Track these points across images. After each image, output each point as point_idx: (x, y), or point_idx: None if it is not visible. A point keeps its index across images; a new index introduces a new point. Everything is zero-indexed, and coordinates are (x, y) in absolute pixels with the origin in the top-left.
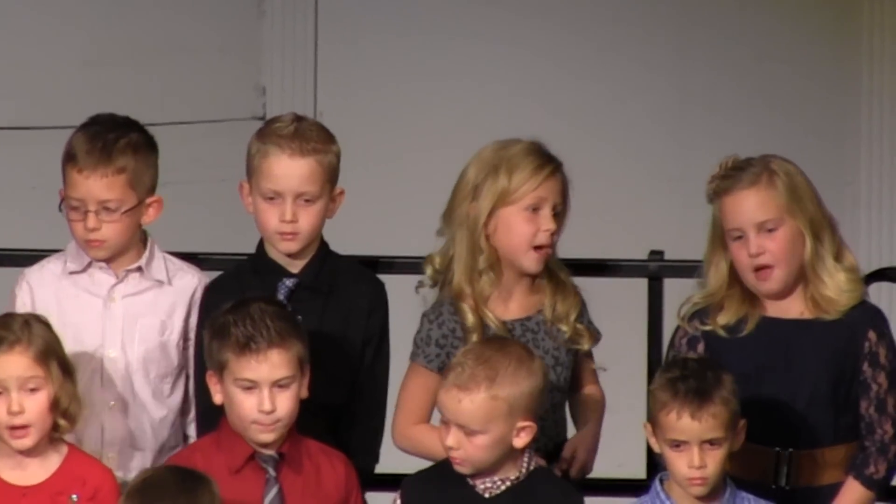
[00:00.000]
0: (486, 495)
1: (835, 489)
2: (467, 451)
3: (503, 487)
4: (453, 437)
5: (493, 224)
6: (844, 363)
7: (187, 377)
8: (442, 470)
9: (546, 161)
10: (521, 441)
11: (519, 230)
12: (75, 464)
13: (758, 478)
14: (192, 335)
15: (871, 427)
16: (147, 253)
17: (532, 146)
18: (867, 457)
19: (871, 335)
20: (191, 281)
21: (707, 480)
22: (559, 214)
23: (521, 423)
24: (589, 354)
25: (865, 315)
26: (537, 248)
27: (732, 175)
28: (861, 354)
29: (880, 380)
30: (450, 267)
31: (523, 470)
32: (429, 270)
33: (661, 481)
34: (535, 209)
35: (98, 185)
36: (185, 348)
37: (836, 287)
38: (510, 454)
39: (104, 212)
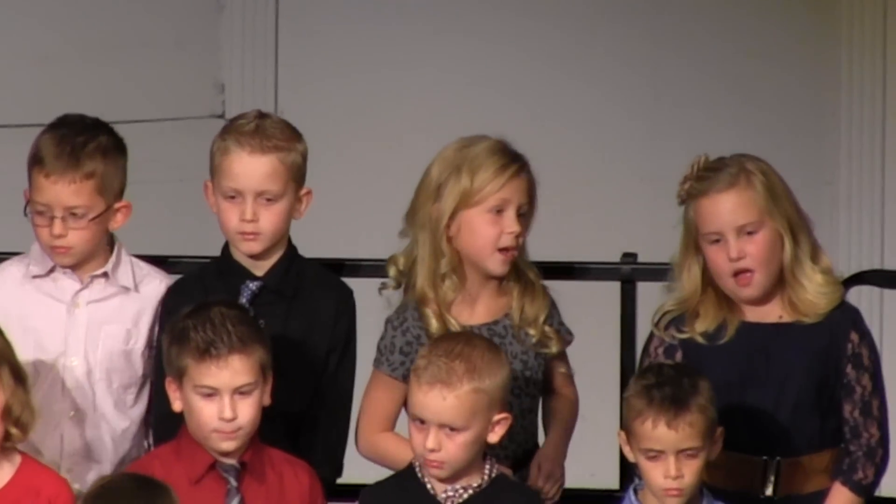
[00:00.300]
0: None
1: (821, 496)
2: (449, 451)
3: (465, 496)
4: (434, 439)
5: (455, 226)
6: (827, 366)
7: (152, 386)
8: (402, 479)
9: (510, 160)
10: (496, 436)
11: (482, 232)
12: (29, 474)
13: (744, 488)
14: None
15: (857, 431)
16: (114, 258)
17: (496, 145)
18: (854, 462)
19: (854, 336)
20: (158, 287)
21: (683, 491)
22: (525, 215)
23: (497, 416)
24: (561, 357)
25: (846, 316)
26: (502, 250)
27: (708, 176)
28: (844, 356)
29: (864, 382)
30: (413, 268)
31: (486, 477)
32: (392, 272)
33: (636, 491)
34: (499, 211)
35: (66, 191)
36: (150, 357)
37: (814, 290)
38: (478, 457)
39: (71, 218)
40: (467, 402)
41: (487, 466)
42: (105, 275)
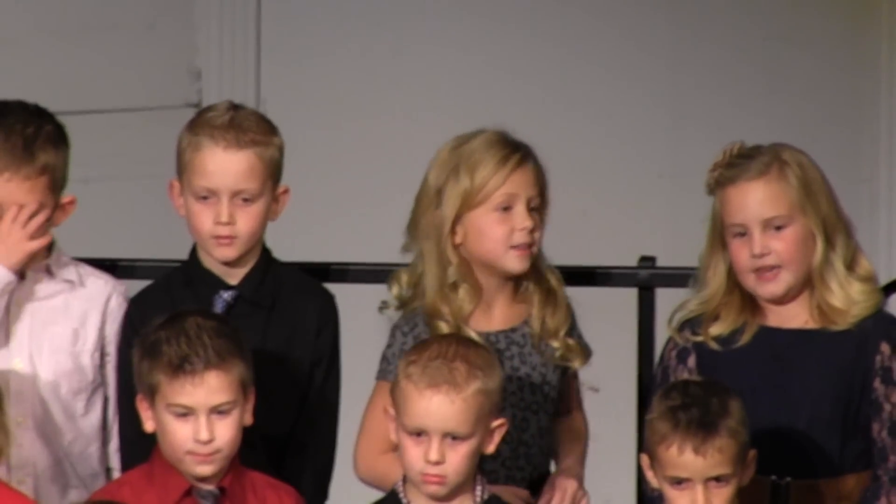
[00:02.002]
0: None
1: None
2: (452, 463)
3: None
4: (438, 450)
5: (461, 231)
6: (853, 380)
7: (105, 399)
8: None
9: (511, 151)
10: (493, 444)
11: (491, 234)
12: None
13: None
14: (110, 349)
15: (884, 453)
16: (54, 254)
17: (492, 136)
18: (878, 488)
19: (885, 347)
20: (103, 287)
21: None
22: (537, 209)
23: (495, 423)
24: (575, 375)
25: (879, 325)
26: (515, 247)
27: (738, 163)
28: (872, 370)
29: (894, 399)
30: (419, 284)
31: (477, 499)
32: (394, 290)
33: None
34: (507, 208)
35: (20, 189)
36: (101, 364)
37: (845, 297)
38: (471, 476)
39: None
40: (474, 405)
41: (479, 487)
42: (47, 269)
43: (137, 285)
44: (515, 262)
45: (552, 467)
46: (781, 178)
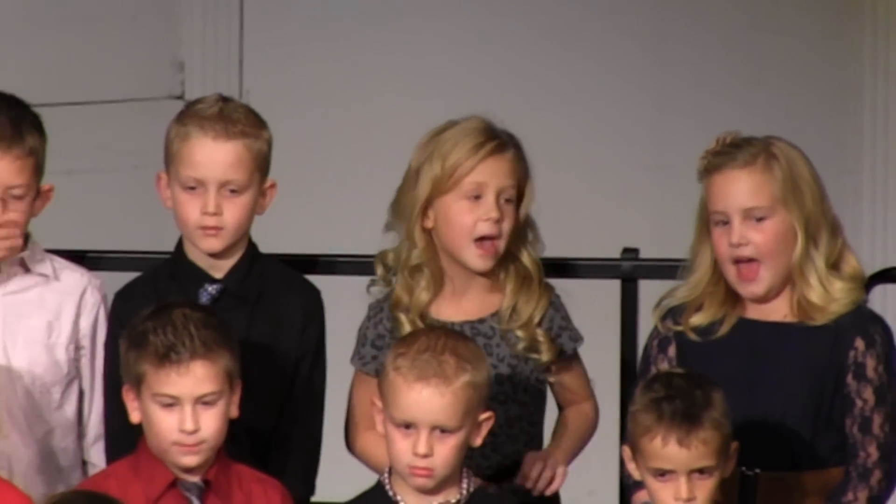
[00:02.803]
0: None
1: None
2: (441, 456)
3: None
4: (426, 443)
5: (432, 215)
6: (827, 375)
7: (81, 392)
8: (369, 500)
9: (487, 139)
10: (480, 437)
11: (457, 221)
12: None
13: (721, 501)
14: (84, 343)
15: (854, 449)
16: (30, 247)
17: (473, 123)
18: (847, 482)
19: (859, 343)
20: (78, 280)
21: None
22: (512, 202)
23: (482, 416)
24: (571, 365)
25: (856, 321)
26: (479, 241)
27: (727, 152)
28: (846, 365)
29: (866, 395)
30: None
31: (464, 492)
32: (379, 270)
33: None
34: (477, 196)
35: (11, 169)
36: (76, 357)
37: (824, 294)
38: (458, 468)
39: (11, 200)
40: (463, 398)
41: (465, 480)
42: (22, 263)
43: (106, 277)
44: (476, 260)
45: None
46: (767, 171)
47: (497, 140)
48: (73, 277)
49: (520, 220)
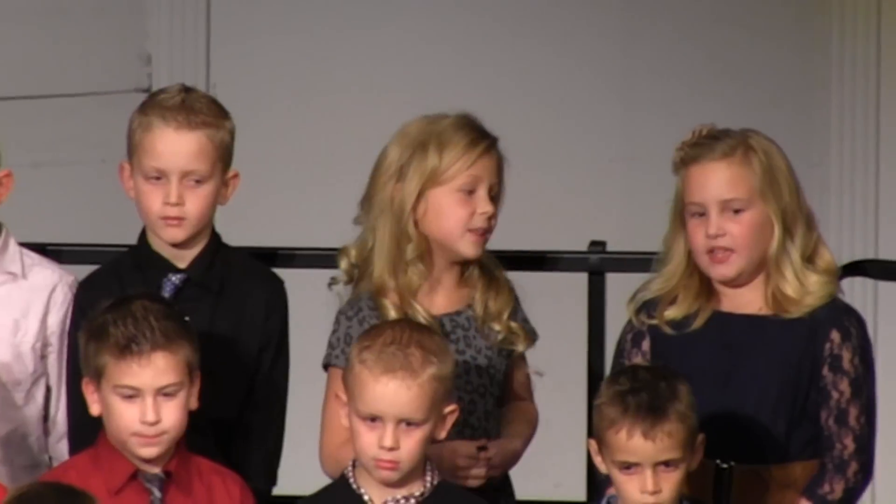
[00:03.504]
0: None
1: None
2: (406, 449)
3: None
4: (392, 436)
5: (421, 208)
6: (801, 367)
7: (48, 389)
8: (334, 492)
9: (480, 137)
10: (445, 430)
11: (451, 214)
12: None
13: (695, 495)
14: (52, 340)
15: (830, 441)
16: (0, 243)
17: (463, 120)
18: (823, 474)
19: (835, 336)
20: (49, 277)
21: None
22: (495, 198)
23: (447, 408)
24: (522, 358)
25: (831, 314)
26: (473, 231)
27: (705, 143)
28: (821, 357)
29: (842, 387)
30: (369, 259)
31: (428, 485)
32: (343, 264)
33: (609, 503)
34: (470, 191)
35: None
36: (43, 355)
37: (799, 287)
38: (422, 462)
39: None
40: (429, 391)
41: (429, 473)
42: None
43: (68, 270)
44: (470, 247)
45: None
46: (745, 163)
47: (489, 138)
48: (44, 275)
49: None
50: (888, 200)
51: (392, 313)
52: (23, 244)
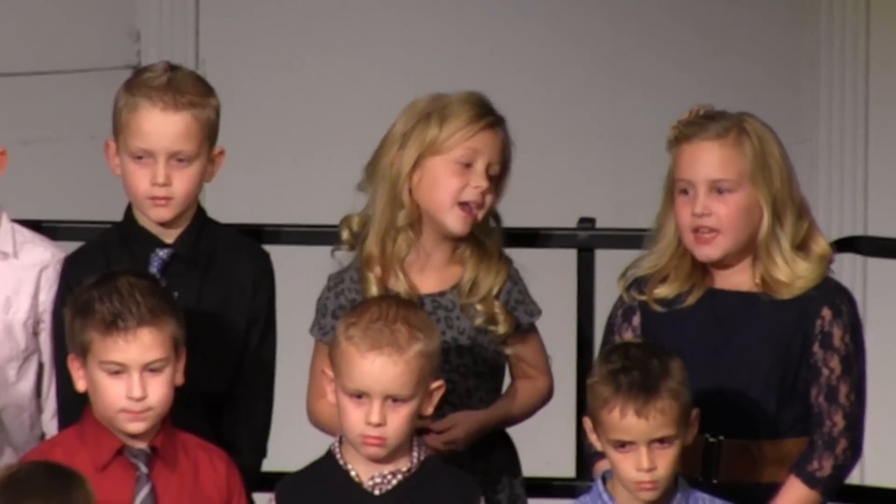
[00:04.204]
0: (377, 492)
1: (776, 489)
2: (393, 425)
3: (394, 482)
4: (379, 412)
5: (417, 176)
6: (792, 344)
7: (40, 366)
8: (321, 468)
9: (484, 112)
10: (431, 406)
11: (444, 183)
12: None
13: (683, 469)
14: (45, 317)
15: (820, 418)
16: None
17: (472, 96)
18: (812, 451)
19: (826, 313)
20: (41, 255)
21: (658, 484)
22: (494, 178)
23: (434, 385)
24: (527, 339)
25: (822, 291)
26: (463, 205)
27: (700, 123)
28: (812, 334)
29: (832, 364)
30: (367, 227)
31: (415, 461)
32: (345, 234)
33: (605, 480)
34: (468, 164)
35: None
36: (35, 332)
37: (790, 272)
38: (409, 437)
39: None
40: (416, 368)
41: (416, 449)
42: None
43: (62, 246)
44: (457, 222)
45: None
46: (737, 145)
47: (495, 115)
48: (35, 252)
49: (497, 200)
50: (877, 176)
51: (374, 288)
52: (14, 221)
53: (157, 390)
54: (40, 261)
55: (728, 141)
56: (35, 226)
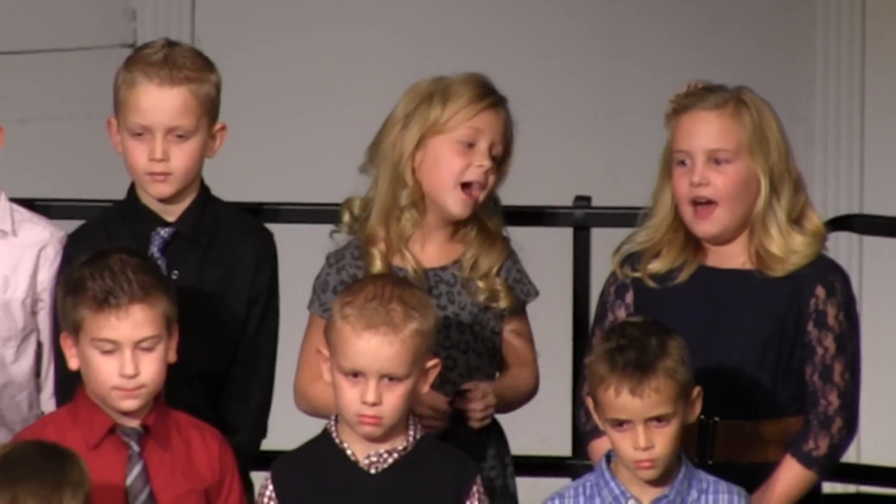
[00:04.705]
0: (372, 471)
1: (772, 469)
2: (389, 404)
3: (390, 460)
4: (375, 391)
5: (419, 156)
6: (786, 323)
7: (39, 346)
8: (317, 447)
9: (486, 92)
10: (427, 385)
11: (447, 163)
12: None
13: (680, 449)
14: (44, 296)
15: (815, 397)
16: None
17: (474, 76)
18: (808, 431)
19: (819, 291)
20: (40, 234)
21: (657, 462)
22: (497, 159)
23: (429, 363)
24: (518, 324)
25: (816, 269)
26: (465, 186)
27: (698, 94)
28: (806, 313)
29: (826, 343)
30: (368, 209)
31: (411, 439)
32: (346, 217)
33: (609, 460)
34: (470, 144)
35: None
36: (34, 311)
37: (784, 246)
38: (405, 416)
39: None
40: (411, 346)
41: (412, 427)
42: None
43: (58, 225)
44: (458, 204)
45: None
46: (736, 116)
47: (497, 96)
48: (34, 231)
49: (500, 180)
50: (873, 155)
51: (378, 263)
52: (11, 200)
53: (150, 368)
54: (39, 239)
55: (727, 111)
56: (28, 204)
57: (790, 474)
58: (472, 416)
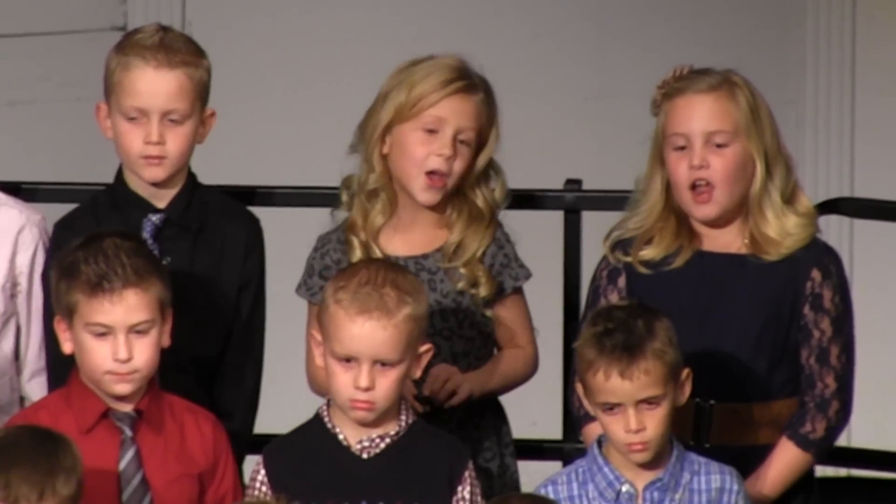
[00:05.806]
0: (364, 456)
1: (767, 451)
2: (382, 389)
3: (383, 445)
4: (368, 376)
5: (389, 142)
6: (782, 306)
7: (18, 328)
8: (309, 431)
9: (457, 77)
10: (419, 370)
11: (411, 151)
12: None
13: (675, 433)
14: (21, 280)
15: (811, 380)
16: None
17: (447, 60)
18: (804, 413)
19: (815, 274)
20: (16, 217)
21: (648, 444)
22: (467, 143)
23: (422, 348)
24: (511, 305)
25: (811, 253)
26: (430, 174)
27: (689, 77)
28: (802, 296)
29: (823, 326)
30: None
31: (403, 424)
32: (344, 196)
33: (601, 444)
34: (433, 131)
35: None
36: (12, 295)
37: (780, 228)
38: (397, 401)
39: None
40: (405, 331)
41: (404, 412)
42: None
43: (43, 208)
44: (423, 192)
45: None
46: (731, 98)
47: (467, 81)
48: (10, 215)
49: (477, 166)
50: (863, 138)
51: (357, 252)
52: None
53: (143, 352)
54: (16, 223)
55: (722, 93)
56: (14, 187)
57: (787, 457)
58: (440, 398)
